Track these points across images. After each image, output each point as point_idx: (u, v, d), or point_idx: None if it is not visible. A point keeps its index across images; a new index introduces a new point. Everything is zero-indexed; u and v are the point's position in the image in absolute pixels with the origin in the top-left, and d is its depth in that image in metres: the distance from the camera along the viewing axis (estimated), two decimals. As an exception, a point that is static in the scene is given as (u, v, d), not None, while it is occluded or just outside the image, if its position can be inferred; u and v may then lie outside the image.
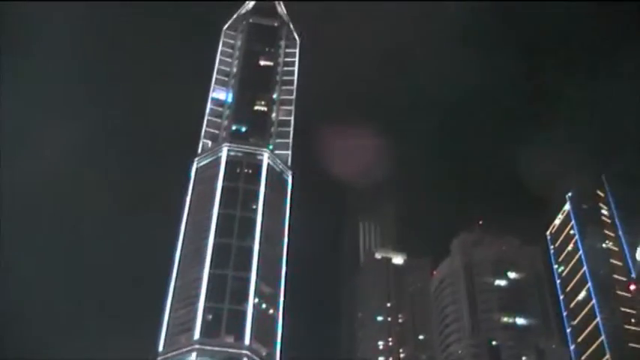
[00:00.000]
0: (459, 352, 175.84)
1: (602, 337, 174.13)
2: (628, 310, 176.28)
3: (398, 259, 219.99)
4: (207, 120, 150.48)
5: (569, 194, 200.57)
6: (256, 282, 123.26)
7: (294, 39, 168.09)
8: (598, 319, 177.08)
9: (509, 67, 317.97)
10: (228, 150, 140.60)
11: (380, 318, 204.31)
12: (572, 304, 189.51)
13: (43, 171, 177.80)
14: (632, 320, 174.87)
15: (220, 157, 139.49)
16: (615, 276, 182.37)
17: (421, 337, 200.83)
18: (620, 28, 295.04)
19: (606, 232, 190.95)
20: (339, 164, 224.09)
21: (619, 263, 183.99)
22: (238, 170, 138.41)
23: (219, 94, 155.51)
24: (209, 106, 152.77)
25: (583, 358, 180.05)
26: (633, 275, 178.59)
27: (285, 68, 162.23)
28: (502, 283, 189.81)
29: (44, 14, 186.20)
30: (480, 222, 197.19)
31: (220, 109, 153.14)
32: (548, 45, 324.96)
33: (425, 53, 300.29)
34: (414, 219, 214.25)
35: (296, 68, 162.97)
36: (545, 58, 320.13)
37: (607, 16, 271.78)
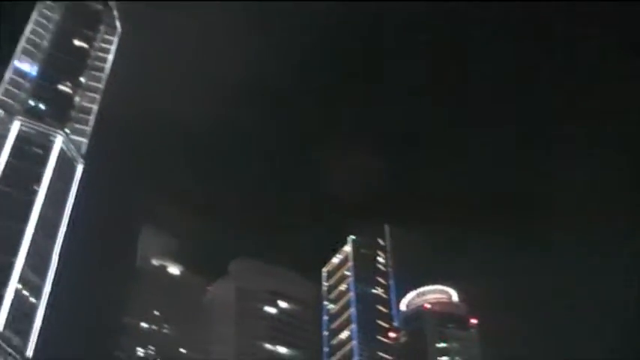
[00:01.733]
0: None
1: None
2: (385, 356, 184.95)
3: (174, 270, 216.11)
4: (5, 89, 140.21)
5: (352, 237, 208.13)
6: (22, 267, 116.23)
7: (116, 27, 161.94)
8: (356, 359, 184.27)
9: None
10: (21, 124, 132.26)
11: (145, 325, 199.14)
12: (334, 341, 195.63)
13: None
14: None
15: (9, 129, 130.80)
16: (379, 321, 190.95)
17: (184, 351, 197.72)
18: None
19: (379, 278, 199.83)
20: (137, 166, 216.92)
21: (385, 310, 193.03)
22: (27, 148, 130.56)
23: (24, 64, 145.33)
24: (9, 74, 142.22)
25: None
26: (395, 324, 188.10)
27: (100, 54, 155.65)
28: (273, 311, 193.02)
29: None
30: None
31: (22, 80, 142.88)
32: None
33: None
34: (198, 233, 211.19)
35: (111, 57, 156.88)
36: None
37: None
